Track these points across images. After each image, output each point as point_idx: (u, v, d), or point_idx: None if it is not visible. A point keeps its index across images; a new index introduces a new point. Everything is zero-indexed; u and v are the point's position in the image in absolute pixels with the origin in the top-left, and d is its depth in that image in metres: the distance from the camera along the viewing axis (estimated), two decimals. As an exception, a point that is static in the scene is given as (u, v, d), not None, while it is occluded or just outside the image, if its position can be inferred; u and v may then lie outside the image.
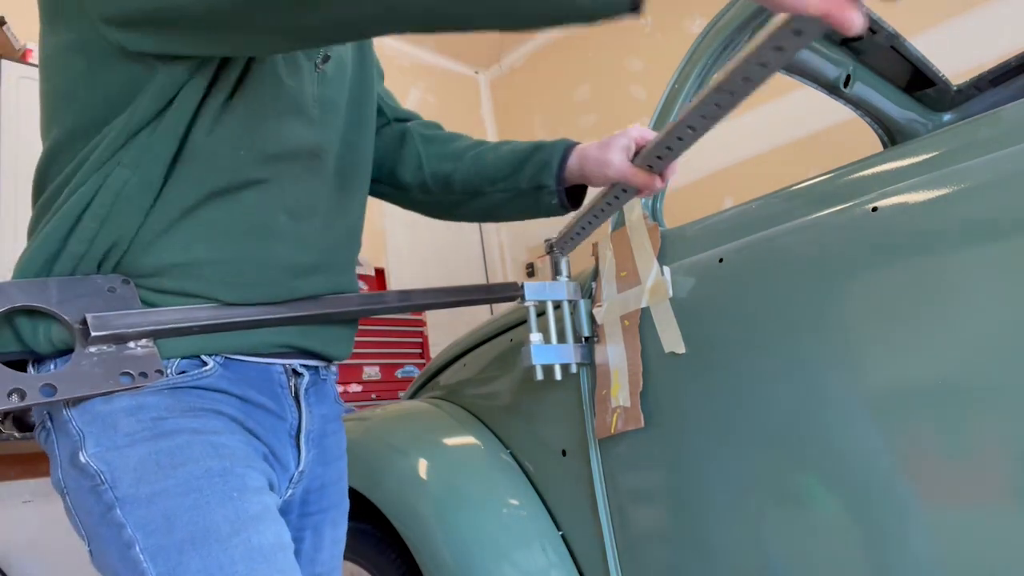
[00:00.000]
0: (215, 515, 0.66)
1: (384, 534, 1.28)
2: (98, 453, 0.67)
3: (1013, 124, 0.75)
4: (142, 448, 0.67)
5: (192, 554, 0.64)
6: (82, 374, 0.67)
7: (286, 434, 0.80)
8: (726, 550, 0.93)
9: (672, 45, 4.10)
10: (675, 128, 0.78)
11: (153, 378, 0.69)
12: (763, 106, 3.65)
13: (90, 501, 0.67)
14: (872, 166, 0.85)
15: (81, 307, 0.68)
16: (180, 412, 0.70)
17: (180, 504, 0.66)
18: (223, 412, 0.73)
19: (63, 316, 0.67)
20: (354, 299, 0.87)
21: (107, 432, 0.67)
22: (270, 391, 0.79)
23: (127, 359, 0.68)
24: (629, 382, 1.03)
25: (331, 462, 0.88)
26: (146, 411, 0.69)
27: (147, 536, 0.65)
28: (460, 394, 1.40)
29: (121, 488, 0.66)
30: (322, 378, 0.88)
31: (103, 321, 0.67)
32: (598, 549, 1.07)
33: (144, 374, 0.69)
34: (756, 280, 0.93)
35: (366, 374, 3.57)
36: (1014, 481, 0.71)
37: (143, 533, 0.65)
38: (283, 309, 0.78)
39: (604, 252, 1.13)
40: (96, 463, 0.67)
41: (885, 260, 0.81)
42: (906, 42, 1.45)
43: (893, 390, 0.80)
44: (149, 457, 0.67)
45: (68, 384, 0.66)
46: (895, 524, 0.79)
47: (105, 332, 0.67)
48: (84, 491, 0.67)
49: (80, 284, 0.69)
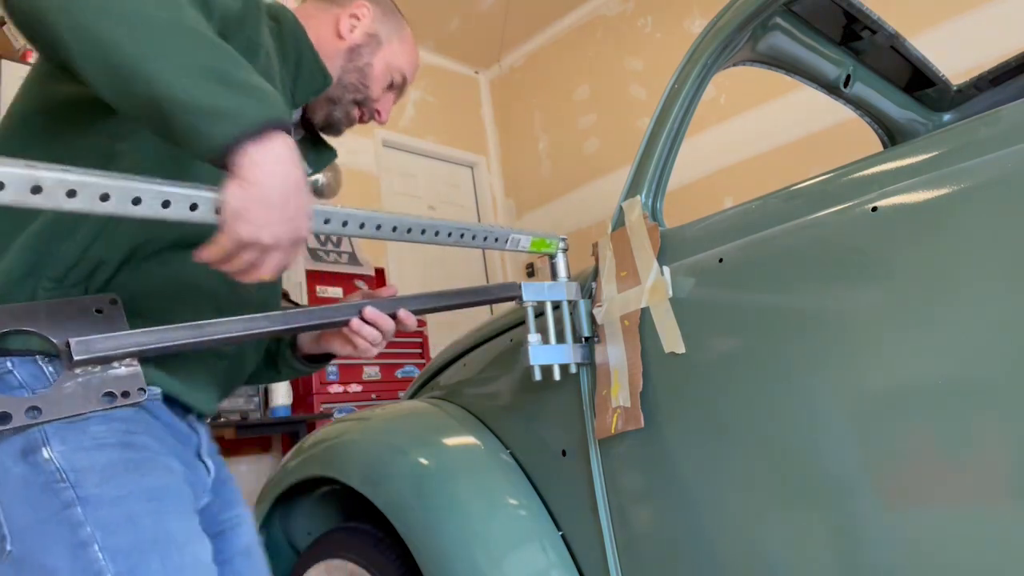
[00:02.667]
0: (172, 524, 0.71)
1: (384, 534, 1.28)
2: (64, 452, 0.68)
3: (1013, 124, 0.75)
4: (111, 453, 0.70)
5: (153, 555, 0.68)
6: (65, 396, 0.68)
7: (194, 454, 0.86)
8: (726, 550, 0.93)
9: (672, 45, 4.10)
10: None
11: (135, 397, 0.71)
12: (763, 106, 3.65)
13: (38, 498, 0.68)
14: (872, 166, 0.85)
15: (68, 329, 0.69)
16: (143, 430, 0.74)
17: (143, 509, 0.70)
18: (165, 438, 0.78)
19: (51, 339, 0.68)
20: (353, 307, 0.89)
21: (75, 434, 0.69)
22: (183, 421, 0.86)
23: (110, 379, 0.70)
24: (629, 382, 1.03)
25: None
26: (117, 422, 0.72)
27: (107, 536, 0.67)
28: (460, 394, 1.40)
29: (85, 487, 0.68)
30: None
31: (86, 345, 0.68)
32: (598, 549, 1.07)
33: (126, 393, 0.70)
34: (756, 280, 0.93)
35: (366, 374, 3.57)
36: (1014, 481, 0.71)
37: (103, 532, 0.67)
38: (264, 323, 0.81)
39: (604, 252, 1.12)
40: (60, 461, 0.68)
41: (885, 260, 0.81)
42: (906, 42, 1.45)
43: (893, 390, 0.80)
44: (117, 462, 0.70)
45: (52, 406, 0.68)
46: (895, 524, 0.79)
47: (87, 356, 0.68)
48: (31, 487, 0.68)
49: (68, 306, 0.71)
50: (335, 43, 1.00)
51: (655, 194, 1.10)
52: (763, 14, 1.12)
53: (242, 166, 0.64)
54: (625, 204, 1.11)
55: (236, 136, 0.63)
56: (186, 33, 0.65)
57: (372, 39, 1.02)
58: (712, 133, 3.83)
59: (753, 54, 1.26)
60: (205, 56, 0.65)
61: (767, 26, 1.22)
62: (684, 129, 1.12)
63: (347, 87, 1.01)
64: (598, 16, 4.54)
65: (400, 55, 1.05)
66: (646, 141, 1.13)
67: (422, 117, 4.69)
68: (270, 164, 0.65)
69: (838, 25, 1.34)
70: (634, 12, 4.33)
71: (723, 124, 3.82)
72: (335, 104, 1.02)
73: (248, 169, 0.64)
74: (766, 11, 1.11)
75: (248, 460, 3.47)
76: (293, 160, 0.67)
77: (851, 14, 1.31)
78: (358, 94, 1.02)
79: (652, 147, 1.11)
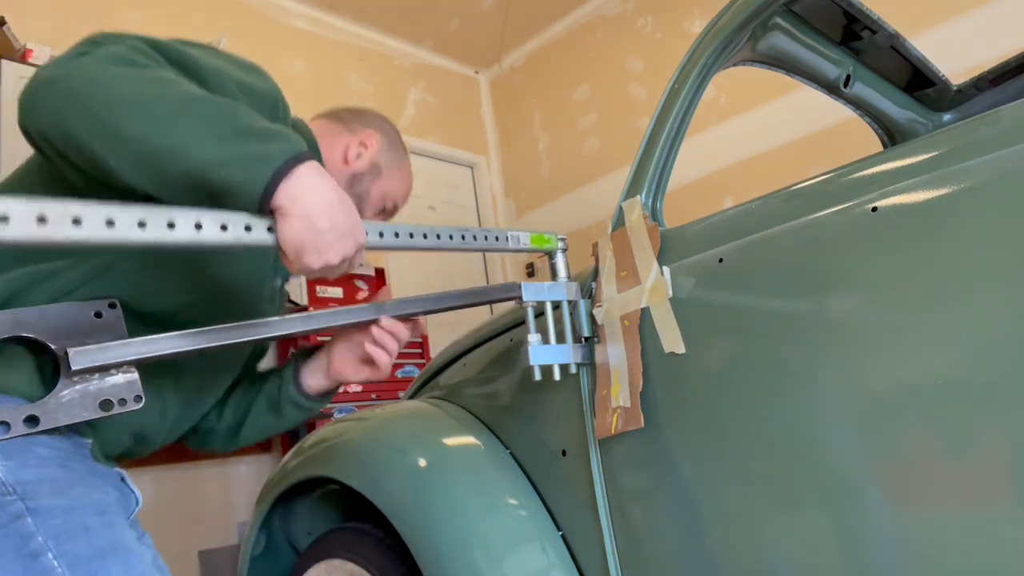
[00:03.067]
0: (125, 535, 0.73)
1: (384, 534, 1.28)
2: (10, 467, 0.69)
3: (1013, 124, 0.75)
4: (57, 471, 0.72)
5: (113, 560, 0.70)
6: (63, 404, 0.68)
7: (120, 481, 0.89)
8: (726, 550, 0.93)
9: (672, 45, 4.10)
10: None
11: (131, 405, 0.71)
12: (763, 106, 3.65)
13: None
14: (872, 166, 0.85)
15: (68, 333, 0.69)
16: (77, 461, 0.76)
17: (97, 520, 0.71)
18: (96, 468, 0.81)
19: (51, 345, 0.68)
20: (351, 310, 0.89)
21: (20, 452, 0.70)
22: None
23: (107, 387, 0.71)
24: (629, 382, 1.03)
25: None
26: (57, 450, 0.74)
27: (61, 544, 0.68)
28: (460, 394, 1.40)
29: (36, 499, 0.68)
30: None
31: (84, 356, 0.68)
32: (598, 549, 1.07)
33: (123, 401, 0.70)
34: (756, 280, 0.93)
35: (366, 374, 3.56)
36: (1015, 481, 0.71)
37: (56, 541, 0.67)
38: (261, 329, 0.82)
39: (604, 252, 1.12)
40: (5, 474, 0.68)
41: (885, 260, 0.81)
42: (906, 42, 1.45)
43: (893, 390, 0.80)
44: (66, 476, 0.72)
45: (50, 414, 0.68)
46: (895, 524, 0.79)
47: (84, 366, 0.69)
48: None
49: (68, 309, 0.71)
50: (340, 167, 1.07)
51: (655, 194, 1.10)
52: (763, 14, 1.12)
53: (283, 206, 0.69)
54: (625, 204, 1.11)
55: (268, 179, 0.67)
56: (194, 103, 0.68)
57: (374, 168, 1.09)
58: (712, 133, 3.83)
59: (753, 54, 1.26)
60: (218, 117, 0.68)
61: (767, 26, 1.22)
62: (684, 129, 1.12)
63: None
64: (598, 16, 4.53)
65: (396, 185, 1.13)
66: (646, 141, 1.13)
67: (422, 117, 4.69)
68: (308, 194, 0.69)
69: (838, 25, 1.34)
70: (634, 12, 4.33)
71: (723, 124, 3.81)
72: None
73: (290, 206, 0.69)
74: (766, 11, 1.12)
75: (248, 460, 3.47)
76: (325, 182, 0.72)
77: (851, 14, 1.31)
78: None
79: (652, 147, 1.11)
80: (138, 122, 0.65)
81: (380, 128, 1.12)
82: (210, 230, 0.68)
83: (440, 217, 4.70)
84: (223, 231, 0.68)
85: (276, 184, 0.68)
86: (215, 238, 0.68)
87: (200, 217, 0.67)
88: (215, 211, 0.68)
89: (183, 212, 0.66)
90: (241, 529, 3.31)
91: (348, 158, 1.07)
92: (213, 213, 0.68)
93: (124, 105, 0.66)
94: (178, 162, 0.66)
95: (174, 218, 0.66)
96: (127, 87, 0.67)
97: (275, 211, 0.70)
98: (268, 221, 0.71)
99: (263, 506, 1.45)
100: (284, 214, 0.69)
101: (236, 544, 3.25)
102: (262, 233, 0.71)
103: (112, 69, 0.68)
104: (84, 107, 0.66)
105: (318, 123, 1.10)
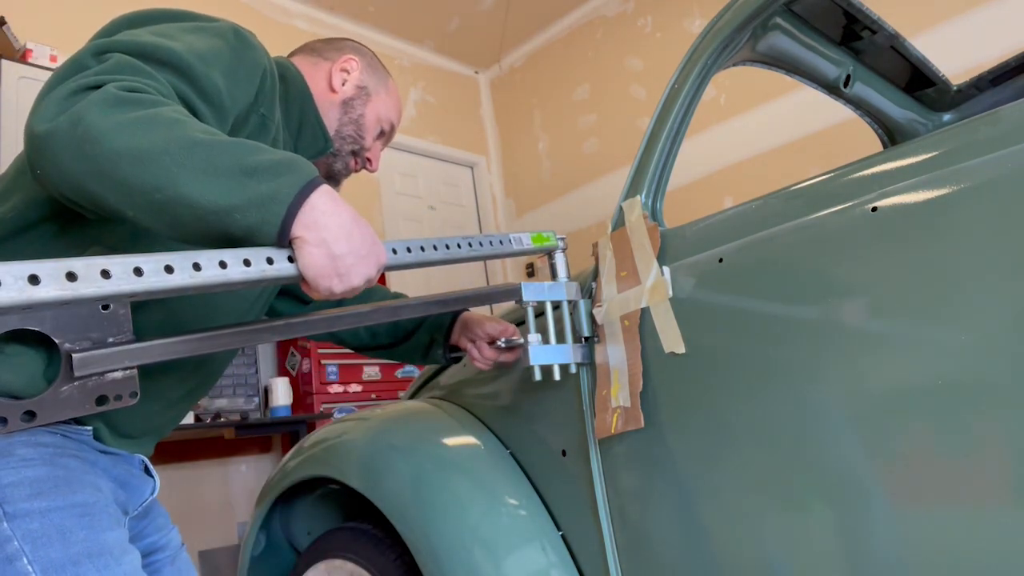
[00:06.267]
0: (107, 537, 0.72)
1: (384, 534, 1.28)
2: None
3: (1013, 124, 0.75)
4: (40, 470, 0.71)
5: (88, 566, 0.69)
6: (61, 400, 0.68)
7: (135, 468, 0.89)
8: (726, 550, 0.93)
9: (672, 45, 4.10)
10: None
11: (127, 401, 0.70)
12: (763, 106, 3.65)
13: None
14: (872, 166, 0.85)
15: (72, 327, 0.69)
16: (71, 454, 0.76)
17: (76, 523, 0.71)
18: (97, 460, 0.81)
19: (55, 340, 0.68)
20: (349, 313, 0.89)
21: (1, 456, 0.70)
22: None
23: (106, 383, 0.70)
24: (629, 382, 1.03)
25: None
26: (44, 448, 0.73)
27: (36, 548, 0.67)
28: (460, 394, 1.40)
29: (13, 503, 0.68)
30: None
31: (86, 361, 0.68)
32: (598, 549, 1.07)
33: (119, 397, 0.70)
34: (756, 280, 0.93)
35: (366, 374, 3.57)
36: (1015, 481, 0.71)
37: (32, 546, 0.67)
38: (259, 329, 0.83)
39: (604, 252, 1.12)
40: None
41: (885, 260, 0.81)
42: (906, 42, 1.45)
43: (893, 389, 0.80)
44: (47, 477, 0.71)
45: (48, 410, 0.67)
46: (895, 524, 0.79)
47: (87, 372, 0.69)
48: None
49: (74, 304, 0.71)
50: (329, 96, 1.07)
51: (655, 194, 1.10)
52: (763, 14, 1.12)
53: (301, 236, 0.69)
54: (625, 204, 1.11)
55: (283, 217, 0.68)
56: (198, 148, 0.67)
57: (362, 91, 1.10)
58: (712, 133, 3.83)
59: (753, 54, 1.26)
60: (224, 159, 0.68)
61: (767, 26, 1.22)
62: (684, 129, 1.12)
63: (345, 139, 1.08)
64: (598, 16, 4.54)
65: (387, 105, 1.13)
66: (646, 141, 1.13)
67: (422, 117, 4.69)
68: (322, 220, 0.70)
69: (838, 25, 1.34)
70: (634, 12, 4.33)
71: (723, 124, 3.81)
72: (335, 157, 1.09)
73: (307, 235, 0.69)
74: (766, 11, 1.11)
75: (248, 460, 3.47)
76: (339, 206, 0.72)
77: (851, 14, 1.31)
78: (355, 144, 1.10)
79: (652, 147, 1.11)
80: (147, 175, 0.65)
81: (356, 50, 1.13)
82: (235, 268, 0.69)
83: (440, 217, 4.70)
84: (247, 267, 0.70)
85: (291, 220, 0.68)
86: (240, 275, 0.69)
87: (223, 256, 0.69)
88: (236, 249, 0.70)
89: (206, 253, 0.68)
90: (241, 529, 3.31)
91: (333, 85, 1.07)
92: (235, 251, 0.70)
93: (130, 159, 0.65)
94: (192, 210, 0.66)
95: (199, 260, 0.67)
96: (129, 138, 0.65)
97: (292, 242, 0.71)
98: (288, 251, 0.72)
99: (263, 506, 1.45)
100: (302, 244, 0.70)
101: (236, 544, 3.26)
102: (284, 264, 0.72)
103: (110, 116, 0.66)
104: (91, 161, 0.65)
105: (296, 60, 1.10)
